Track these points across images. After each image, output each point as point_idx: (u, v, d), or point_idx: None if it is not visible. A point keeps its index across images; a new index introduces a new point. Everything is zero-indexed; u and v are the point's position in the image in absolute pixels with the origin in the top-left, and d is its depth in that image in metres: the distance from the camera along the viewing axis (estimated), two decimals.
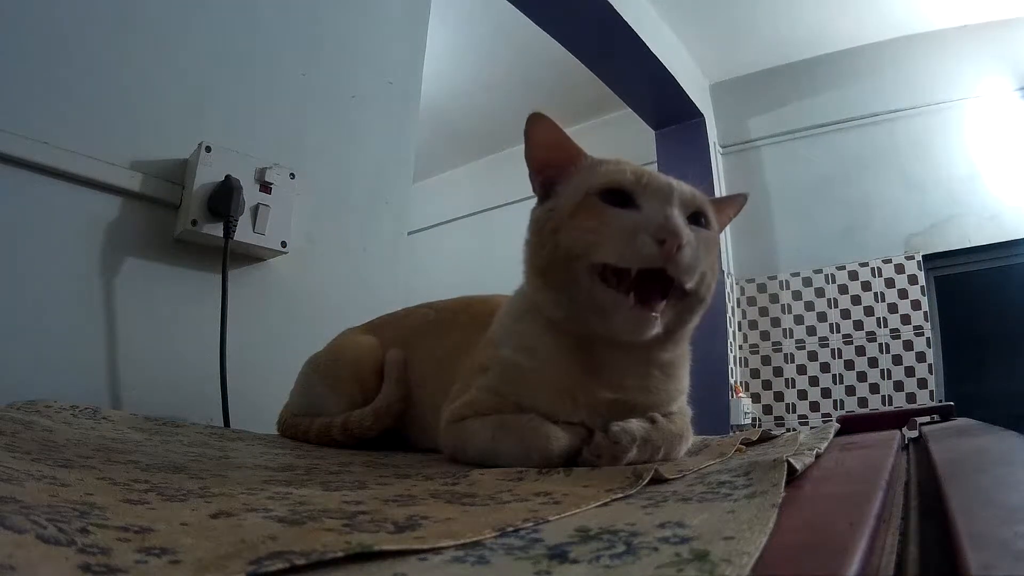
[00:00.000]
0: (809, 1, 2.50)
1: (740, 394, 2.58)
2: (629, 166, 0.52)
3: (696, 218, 0.51)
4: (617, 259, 0.47)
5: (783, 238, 2.77)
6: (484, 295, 0.78)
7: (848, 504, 0.28)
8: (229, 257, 0.92)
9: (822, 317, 2.62)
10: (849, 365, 2.52)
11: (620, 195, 0.49)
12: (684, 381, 0.57)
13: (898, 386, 2.41)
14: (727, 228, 2.52)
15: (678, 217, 0.48)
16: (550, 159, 0.55)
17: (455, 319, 0.76)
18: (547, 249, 0.51)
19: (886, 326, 2.48)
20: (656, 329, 0.48)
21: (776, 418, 2.64)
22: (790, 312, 2.69)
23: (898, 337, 2.45)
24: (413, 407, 0.73)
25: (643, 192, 0.49)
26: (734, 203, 0.61)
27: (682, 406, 0.58)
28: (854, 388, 2.49)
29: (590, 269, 0.48)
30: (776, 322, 2.72)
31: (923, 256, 2.46)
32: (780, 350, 2.69)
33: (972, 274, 2.44)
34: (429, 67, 1.49)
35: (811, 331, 2.63)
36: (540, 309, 0.54)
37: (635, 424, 0.49)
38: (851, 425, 0.74)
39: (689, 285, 0.48)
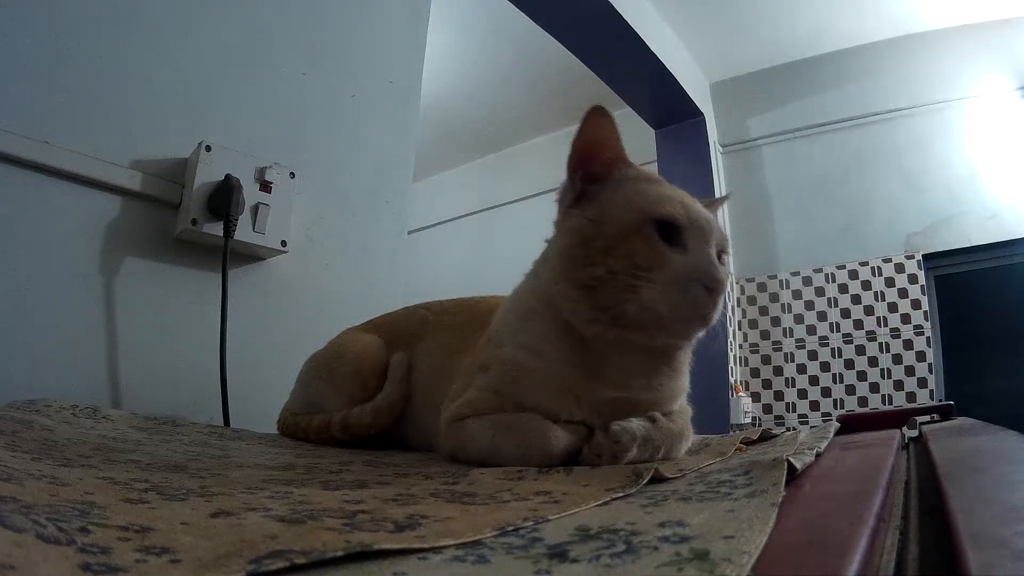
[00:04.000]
0: (809, 0, 2.49)
1: (740, 393, 2.58)
2: (676, 195, 0.53)
3: (719, 256, 0.53)
4: (670, 311, 0.48)
5: (783, 237, 2.77)
6: (481, 296, 0.78)
7: (848, 503, 0.28)
8: (229, 256, 0.92)
9: (822, 316, 2.62)
10: (849, 364, 2.52)
11: (671, 229, 0.50)
12: (686, 379, 0.58)
13: (898, 385, 2.41)
14: (727, 226, 2.52)
15: (718, 262, 0.50)
16: (595, 156, 0.54)
17: (453, 320, 0.76)
18: (598, 269, 0.50)
19: (886, 325, 2.48)
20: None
21: (776, 417, 2.64)
22: (790, 311, 2.69)
23: (898, 336, 2.45)
24: (411, 407, 0.73)
25: (690, 230, 0.50)
26: (719, 205, 0.64)
27: (683, 405, 0.58)
28: (854, 387, 2.49)
29: (640, 308, 0.49)
30: (776, 321, 2.71)
31: (923, 255, 2.46)
32: (780, 349, 2.69)
33: (972, 273, 2.44)
34: (429, 67, 1.48)
35: (811, 330, 2.63)
36: (563, 315, 0.53)
37: (635, 423, 0.49)
38: (851, 424, 0.74)
39: (712, 323, 0.51)
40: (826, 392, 2.55)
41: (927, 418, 0.75)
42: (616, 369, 0.52)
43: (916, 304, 2.44)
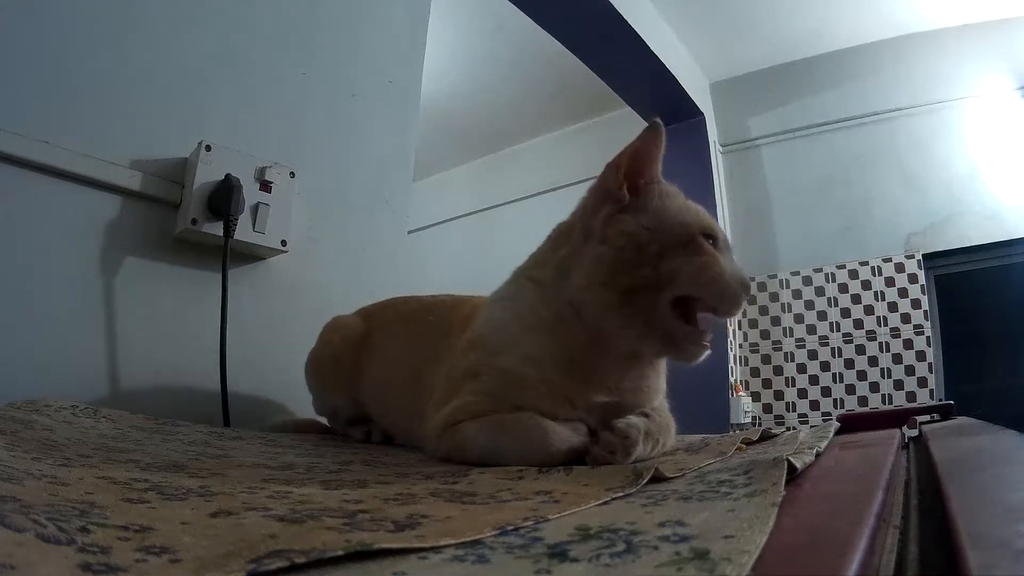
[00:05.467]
0: (809, 0, 2.49)
1: (740, 393, 2.58)
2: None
3: None
4: (718, 303, 0.52)
5: (783, 237, 2.76)
6: (464, 297, 0.79)
7: (848, 503, 0.28)
8: (229, 256, 0.92)
9: (822, 316, 2.62)
10: (849, 364, 2.52)
11: (712, 241, 0.54)
12: (664, 378, 0.61)
13: (898, 385, 2.41)
14: (727, 225, 2.53)
15: None
16: (644, 168, 0.57)
17: (424, 319, 0.78)
18: (646, 270, 0.52)
19: (886, 325, 2.48)
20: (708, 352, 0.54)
21: (776, 417, 2.64)
22: (790, 311, 2.69)
23: (898, 336, 2.45)
24: (372, 382, 0.79)
25: (724, 244, 0.56)
26: None
27: (661, 400, 0.61)
28: (854, 387, 2.49)
29: (672, 302, 0.52)
30: (776, 321, 2.71)
31: (923, 255, 2.46)
32: (780, 349, 2.69)
33: (972, 273, 2.44)
34: (429, 66, 1.48)
35: (811, 330, 2.63)
36: (591, 321, 0.54)
37: (636, 419, 0.51)
38: (851, 424, 0.74)
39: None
40: (826, 392, 2.55)
41: (927, 418, 0.75)
42: (608, 375, 0.55)
43: (916, 304, 2.44)
